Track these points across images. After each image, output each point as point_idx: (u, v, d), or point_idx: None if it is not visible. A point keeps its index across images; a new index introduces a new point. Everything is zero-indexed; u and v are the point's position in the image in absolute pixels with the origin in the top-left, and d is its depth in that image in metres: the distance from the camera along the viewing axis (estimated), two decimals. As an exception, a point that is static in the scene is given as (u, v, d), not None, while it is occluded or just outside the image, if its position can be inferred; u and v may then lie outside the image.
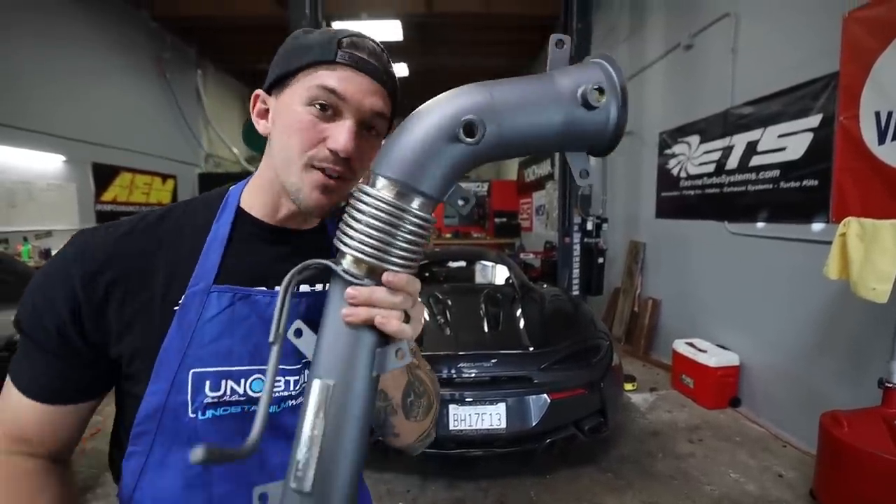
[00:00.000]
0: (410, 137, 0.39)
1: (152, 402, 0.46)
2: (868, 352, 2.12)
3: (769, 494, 2.05)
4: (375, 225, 0.38)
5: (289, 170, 0.49)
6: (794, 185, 2.55)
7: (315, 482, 0.37)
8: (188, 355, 0.46)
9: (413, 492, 2.09)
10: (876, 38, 2.07)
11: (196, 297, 0.47)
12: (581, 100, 0.39)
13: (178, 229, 0.51)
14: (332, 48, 0.47)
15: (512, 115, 0.38)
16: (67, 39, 4.90)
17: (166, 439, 0.47)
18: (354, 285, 0.39)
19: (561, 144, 0.42)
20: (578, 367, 2.08)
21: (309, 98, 0.47)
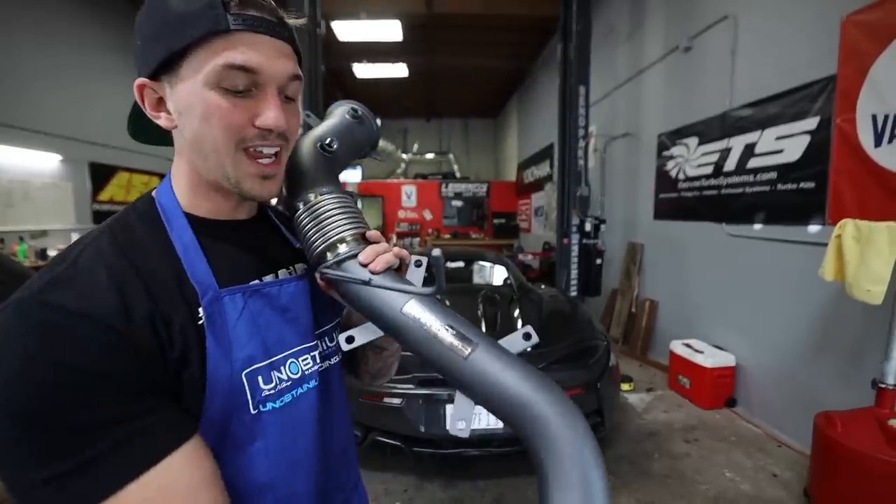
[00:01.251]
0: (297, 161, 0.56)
1: (213, 417, 0.43)
2: (863, 353, 2.13)
3: (764, 494, 2.06)
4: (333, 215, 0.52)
5: (220, 162, 0.45)
6: (792, 187, 2.56)
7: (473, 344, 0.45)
8: (235, 360, 0.45)
9: (410, 491, 2.10)
10: (873, 42, 2.09)
11: (213, 306, 0.44)
12: (349, 116, 0.62)
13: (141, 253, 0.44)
14: (220, 13, 0.41)
15: (339, 139, 0.58)
16: (65, 37, 4.90)
17: (229, 445, 0.46)
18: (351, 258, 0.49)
19: (360, 146, 0.64)
20: (575, 368, 2.08)
21: (215, 81, 0.42)
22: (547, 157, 7.16)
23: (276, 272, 0.54)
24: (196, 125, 0.44)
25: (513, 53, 7.51)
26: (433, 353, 0.45)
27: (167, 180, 0.51)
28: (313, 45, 3.95)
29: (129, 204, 0.50)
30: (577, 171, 4.07)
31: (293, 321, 0.52)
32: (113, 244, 0.43)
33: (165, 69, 0.44)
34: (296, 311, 0.53)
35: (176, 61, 0.43)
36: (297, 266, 0.58)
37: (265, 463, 0.47)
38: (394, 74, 7.95)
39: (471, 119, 12.03)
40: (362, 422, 2.00)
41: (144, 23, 0.44)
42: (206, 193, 0.50)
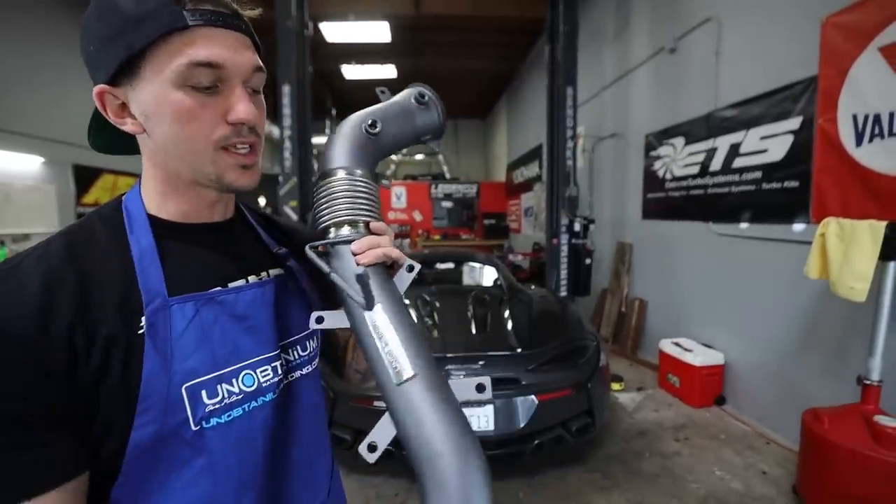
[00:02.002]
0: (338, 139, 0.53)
1: (145, 433, 0.41)
2: (849, 349, 2.16)
3: (753, 491, 2.08)
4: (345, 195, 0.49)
5: (197, 161, 0.45)
6: (776, 186, 2.60)
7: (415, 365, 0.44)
8: (175, 372, 0.43)
9: (401, 495, 2.07)
10: (852, 43, 2.12)
11: (158, 315, 0.43)
12: (415, 100, 0.58)
13: (94, 253, 0.44)
14: (176, 9, 0.40)
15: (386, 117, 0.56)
16: (49, 39, 4.79)
17: (166, 463, 0.43)
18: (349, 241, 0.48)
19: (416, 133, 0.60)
20: (566, 368, 2.08)
21: (180, 80, 0.41)
22: (536, 158, 7.19)
23: (247, 277, 0.52)
24: (167, 128, 0.43)
25: (501, 55, 7.54)
26: (375, 367, 0.45)
27: (137, 184, 0.50)
28: (301, 46, 3.92)
29: (104, 204, 0.49)
30: (566, 171, 4.09)
31: (252, 330, 0.50)
32: (64, 249, 0.42)
33: (125, 73, 0.42)
34: (255, 319, 0.50)
35: (135, 63, 0.41)
36: (272, 271, 0.56)
37: (208, 482, 0.45)
38: (382, 76, 7.93)
39: (460, 120, 12.05)
40: (352, 426, 1.98)
41: (94, 26, 0.42)
42: (179, 195, 0.49)
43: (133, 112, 0.44)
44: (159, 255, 0.46)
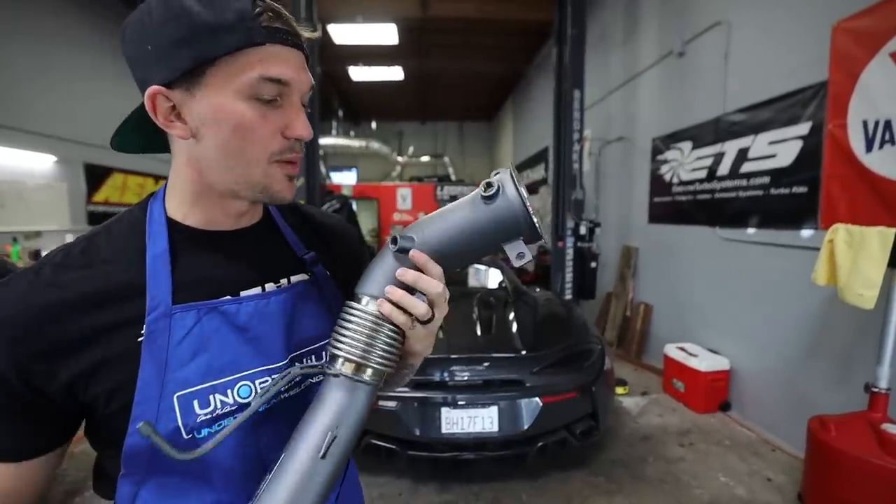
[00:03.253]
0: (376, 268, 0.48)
1: (138, 438, 0.42)
2: (856, 357, 2.14)
3: (758, 498, 2.07)
4: (360, 332, 0.46)
5: (248, 172, 0.45)
6: (784, 192, 2.58)
7: None
8: (168, 381, 0.44)
9: (405, 495, 2.08)
10: (863, 48, 2.11)
11: (159, 323, 0.44)
12: (480, 195, 0.46)
13: (110, 258, 0.45)
14: (255, 25, 0.41)
15: (439, 238, 0.47)
16: (60, 39, 4.87)
17: (162, 469, 0.45)
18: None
19: (493, 240, 0.47)
20: (570, 371, 2.08)
21: (249, 92, 0.42)
22: (542, 161, 7.18)
23: (264, 285, 0.52)
24: (224, 137, 0.43)
25: (508, 57, 7.55)
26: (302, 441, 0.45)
27: (164, 187, 0.51)
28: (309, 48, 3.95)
29: (132, 206, 0.50)
30: (572, 174, 4.09)
31: (252, 341, 0.49)
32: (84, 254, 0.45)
33: (186, 78, 0.42)
34: (257, 330, 0.49)
35: (202, 71, 0.41)
36: (294, 277, 0.55)
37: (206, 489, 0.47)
38: (389, 77, 7.97)
39: (466, 122, 12.06)
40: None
41: (157, 28, 0.41)
42: (207, 204, 0.49)
43: (184, 117, 0.44)
44: (173, 261, 0.46)
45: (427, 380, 1.95)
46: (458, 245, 0.47)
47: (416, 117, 11.68)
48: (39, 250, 4.36)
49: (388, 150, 11.13)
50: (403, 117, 11.55)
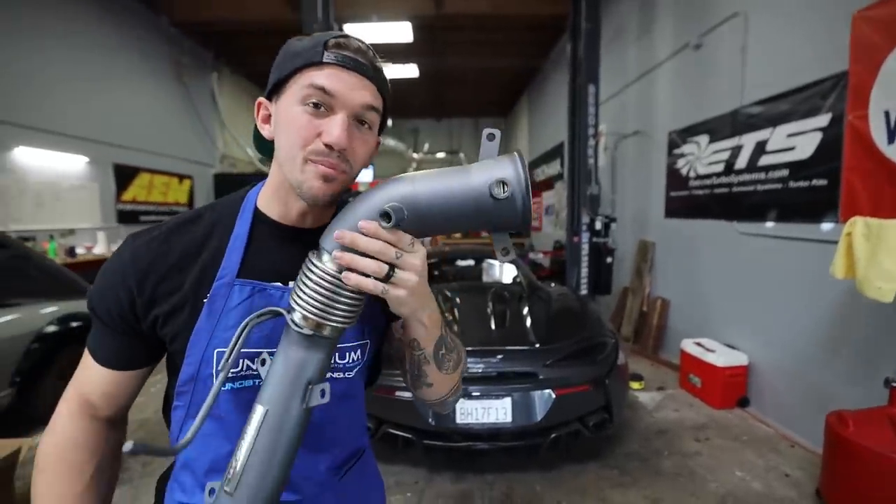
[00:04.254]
0: (344, 220, 0.48)
1: (187, 372, 0.55)
2: (877, 351, 2.11)
3: (774, 493, 2.06)
4: (320, 291, 0.47)
5: (292, 166, 0.52)
6: (804, 185, 2.54)
7: (239, 488, 0.46)
8: (214, 337, 0.54)
9: (420, 483, 2.15)
10: (884, 38, 2.07)
11: (222, 289, 0.55)
12: (489, 192, 0.45)
13: (207, 231, 0.58)
14: (319, 50, 0.50)
15: (428, 204, 0.47)
16: (91, 44, 5.08)
17: (198, 401, 0.56)
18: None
19: (479, 226, 0.49)
20: (583, 364, 2.11)
21: (302, 98, 0.50)
22: (558, 156, 7.14)
23: None
24: (281, 133, 0.54)
25: (522, 52, 7.51)
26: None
27: (265, 179, 0.61)
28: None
29: (241, 189, 0.63)
30: (587, 169, 4.07)
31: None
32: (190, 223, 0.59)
33: (275, 91, 0.55)
34: None
35: (282, 85, 0.53)
36: None
37: (218, 432, 0.56)
38: (405, 75, 8.03)
39: (481, 118, 12.05)
40: (376, 414, 2.06)
41: (277, 58, 0.55)
42: (281, 198, 0.59)
43: (271, 119, 0.56)
44: (248, 243, 0.57)
45: None
46: (445, 221, 0.48)
47: (431, 114, 11.72)
48: (74, 247, 4.58)
49: (404, 147, 11.23)
50: (419, 114, 11.61)
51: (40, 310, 2.74)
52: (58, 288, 3.02)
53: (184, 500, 0.59)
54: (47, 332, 2.68)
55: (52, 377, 2.74)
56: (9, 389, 2.46)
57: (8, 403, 2.47)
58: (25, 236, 3.93)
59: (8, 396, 2.46)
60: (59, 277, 3.09)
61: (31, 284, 2.88)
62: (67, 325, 2.84)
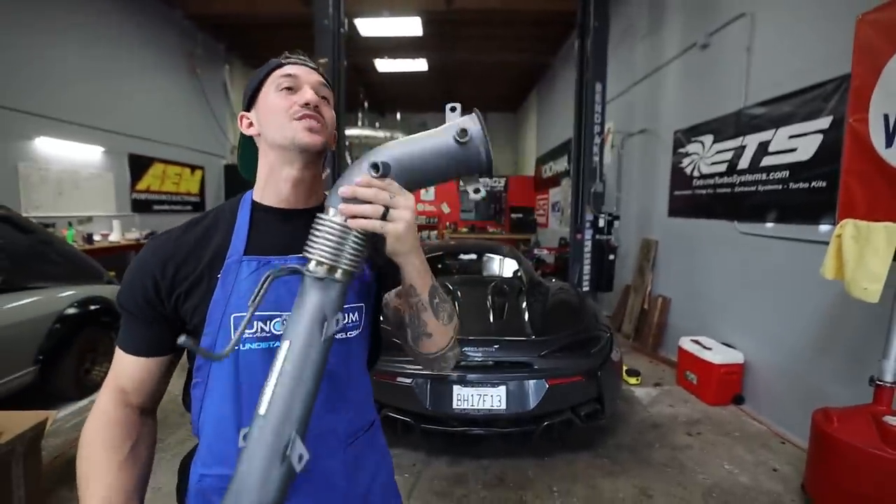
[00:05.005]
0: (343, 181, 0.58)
1: (206, 341, 0.63)
2: (868, 351, 2.14)
3: (761, 486, 2.12)
4: (331, 239, 0.55)
5: (282, 129, 0.65)
6: (803, 186, 2.57)
7: (269, 410, 0.52)
8: (230, 304, 0.63)
9: (418, 466, 2.25)
10: (887, 42, 2.08)
11: (233, 266, 0.64)
12: (454, 139, 0.57)
13: (213, 224, 0.69)
14: (277, 60, 0.70)
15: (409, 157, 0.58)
16: (109, 38, 5.21)
17: (215, 368, 0.64)
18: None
19: (451, 172, 0.60)
20: (577, 356, 2.18)
21: (276, 87, 0.67)
22: (565, 153, 7.15)
23: None
24: (267, 115, 0.67)
25: (532, 48, 7.51)
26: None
27: None
28: (336, 43, 4.10)
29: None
30: (592, 167, 4.11)
31: (290, 292, 0.62)
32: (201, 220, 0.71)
33: (251, 102, 0.71)
34: (292, 283, 0.61)
35: (255, 95, 0.70)
36: None
37: (235, 391, 0.64)
38: (414, 69, 8.07)
39: (490, 113, 12.04)
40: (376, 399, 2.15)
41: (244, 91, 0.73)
42: (273, 181, 0.69)
43: (253, 122, 0.70)
44: (250, 228, 0.68)
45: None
46: (425, 172, 0.59)
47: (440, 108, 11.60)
48: (91, 234, 4.73)
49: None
50: (427, 108, 11.64)
51: (61, 293, 2.88)
52: (77, 272, 3.16)
53: (205, 471, 0.66)
54: (68, 314, 2.82)
55: (72, 357, 2.89)
56: (32, 367, 2.61)
57: (31, 380, 2.62)
58: (46, 223, 4.08)
59: (31, 374, 2.61)
60: (79, 262, 3.23)
61: (53, 268, 3.02)
62: (87, 308, 2.98)
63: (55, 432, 2.51)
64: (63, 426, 2.61)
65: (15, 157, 4.19)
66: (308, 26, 4.09)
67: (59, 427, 2.59)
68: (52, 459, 2.24)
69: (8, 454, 1.76)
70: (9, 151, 4.14)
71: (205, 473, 0.66)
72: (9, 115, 4.08)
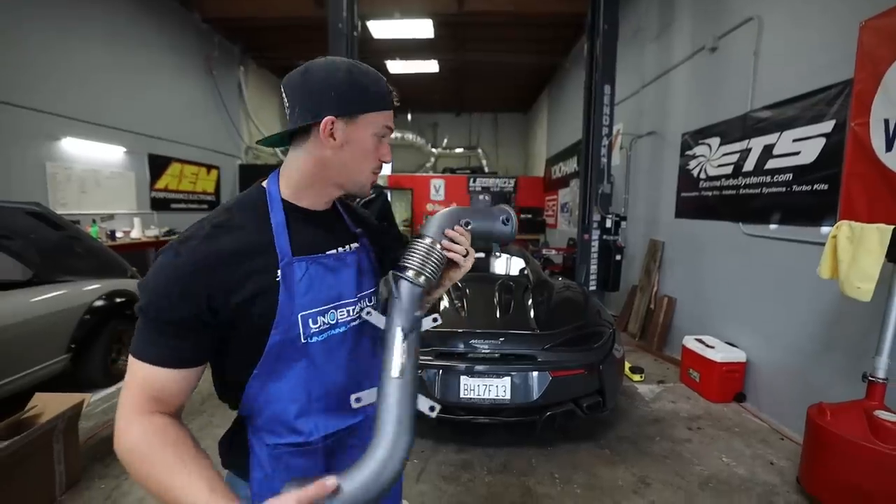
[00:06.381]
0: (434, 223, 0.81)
1: (276, 339, 0.67)
2: (866, 349, 2.19)
3: (757, 478, 2.19)
4: (424, 256, 0.76)
5: (360, 174, 0.75)
6: (806, 189, 2.62)
7: (403, 374, 0.67)
8: (296, 305, 0.69)
9: (426, 453, 2.36)
10: (888, 47, 2.14)
11: (286, 268, 0.69)
12: (500, 220, 0.85)
13: (242, 225, 0.68)
14: (390, 99, 0.74)
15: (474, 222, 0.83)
16: (129, 40, 5.40)
17: (283, 360, 0.70)
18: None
19: (488, 239, 0.86)
20: (580, 350, 2.27)
21: (378, 133, 0.73)
22: (575, 153, 7.20)
23: (337, 248, 0.79)
24: (354, 153, 0.73)
25: (543, 49, 7.57)
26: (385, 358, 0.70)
27: (276, 176, 0.76)
28: (350, 45, 4.22)
29: (251, 187, 0.76)
30: (600, 168, 4.18)
31: (341, 283, 0.76)
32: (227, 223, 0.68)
33: (350, 115, 0.70)
34: (342, 276, 0.76)
35: (357, 115, 0.71)
36: (352, 245, 0.82)
37: (306, 374, 0.73)
38: (425, 70, 8.18)
39: (501, 113, 12.11)
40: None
41: (342, 87, 0.69)
42: (315, 190, 0.76)
43: (336, 136, 0.70)
44: (287, 228, 0.71)
45: (449, 351, 2.20)
46: (477, 233, 0.83)
47: (450, 109, 11.85)
48: (114, 231, 4.93)
49: (423, 142, 11.40)
50: (439, 108, 11.76)
51: (89, 286, 3.04)
52: (103, 267, 3.33)
53: (278, 441, 0.71)
54: (97, 306, 2.98)
55: (101, 346, 3.05)
56: (65, 355, 2.77)
57: (63, 368, 2.78)
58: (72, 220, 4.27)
59: (64, 361, 2.77)
60: (104, 257, 3.40)
61: (81, 263, 3.19)
62: (113, 301, 3.14)
63: (87, 416, 2.67)
64: (93, 411, 2.77)
65: (43, 156, 4.38)
66: (321, 28, 4.21)
67: (90, 412, 2.75)
68: (85, 440, 2.40)
69: (49, 432, 1.91)
70: (38, 151, 4.33)
71: (278, 443, 0.72)
72: (38, 117, 4.28)
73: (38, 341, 2.59)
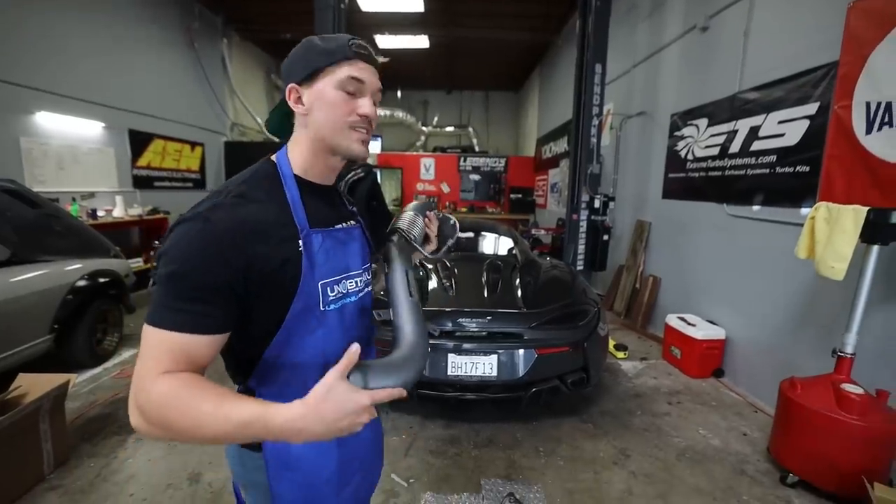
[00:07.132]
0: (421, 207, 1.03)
1: (299, 305, 0.70)
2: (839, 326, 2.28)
3: (730, 448, 2.30)
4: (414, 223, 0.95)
5: (337, 134, 0.74)
6: (789, 171, 2.66)
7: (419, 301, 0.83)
8: (316, 273, 0.72)
9: (414, 428, 2.42)
10: (874, 30, 2.14)
11: (306, 239, 0.71)
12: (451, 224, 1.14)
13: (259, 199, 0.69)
14: (349, 49, 0.72)
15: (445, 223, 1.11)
16: (107, 10, 5.15)
17: (303, 325, 0.72)
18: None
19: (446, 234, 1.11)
20: (565, 328, 2.32)
21: (340, 84, 0.71)
22: (566, 133, 7.17)
23: (343, 222, 0.83)
24: (325, 110, 0.72)
25: (536, 26, 7.41)
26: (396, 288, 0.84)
27: (284, 151, 0.78)
28: (337, 18, 4.09)
29: (258, 162, 0.77)
30: (590, 148, 4.17)
31: (350, 255, 0.81)
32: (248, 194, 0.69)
33: (308, 78, 0.72)
34: (353, 248, 0.82)
35: (316, 73, 0.72)
36: (351, 221, 0.86)
37: (323, 339, 0.75)
38: (415, 46, 7.98)
39: (492, 92, 11.93)
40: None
41: (300, 52, 0.73)
42: (319, 162, 0.77)
43: (304, 101, 0.73)
44: (302, 202, 0.74)
45: (437, 329, 2.23)
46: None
47: (441, 86, 11.63)
48: (95, 209, 4.81)
49: (413, 120, 11.21)
50: (429, 86, 11.53)
51: (71, 265, 2.99)
52: (84, 246, 3.27)
53: None
54: (80, 286, 2.94)
55: (85, 326, 3.03)
56: (48, 336, 2.75)
57: (47, 348, 2.76)
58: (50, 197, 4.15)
59: (48, 342, 2.75)
60: (85, 236, 3.33)
61: (62, 242, 3.12)
62: (96, 281, 3.10)
63: (73, 396, 2.67)
64: (80, 391, 2.77)
65: (17, 131, 4.22)
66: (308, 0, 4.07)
67: (77, 392, 2.75)
68: (72, 419, 2.40)
69: (35, 412, 1.91)
70: (12, 126, 4.17)
71: None
72: (10, 90, 4.10)
73: (18, 322, 2.56)
